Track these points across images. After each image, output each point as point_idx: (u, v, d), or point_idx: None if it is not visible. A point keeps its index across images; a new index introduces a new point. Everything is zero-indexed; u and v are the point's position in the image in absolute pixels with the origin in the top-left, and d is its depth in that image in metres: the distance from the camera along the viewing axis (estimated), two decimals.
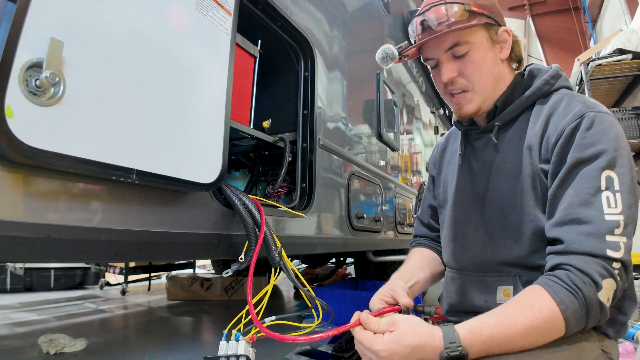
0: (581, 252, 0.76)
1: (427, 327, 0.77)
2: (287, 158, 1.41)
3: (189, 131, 0.87)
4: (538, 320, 0.73)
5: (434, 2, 0.97)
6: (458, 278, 1.06)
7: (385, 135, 2.40)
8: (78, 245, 0.72)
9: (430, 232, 1.29)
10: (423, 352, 0.74)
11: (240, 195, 1.05)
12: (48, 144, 0.62)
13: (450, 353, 0.72)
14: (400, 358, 0.74)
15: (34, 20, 0.61)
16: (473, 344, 0.74)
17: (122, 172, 0.71)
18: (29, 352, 2.13)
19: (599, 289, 0.74)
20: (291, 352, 2.04)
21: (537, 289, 0.77)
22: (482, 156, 1.05)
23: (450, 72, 0.97)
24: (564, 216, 0.81)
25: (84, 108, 0.67)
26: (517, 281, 0.92)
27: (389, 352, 0.74)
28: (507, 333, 0.74)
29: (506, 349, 0.75)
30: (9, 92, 0.58)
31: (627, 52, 3.87)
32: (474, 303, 1.01)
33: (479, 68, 0.96)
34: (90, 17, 0.69)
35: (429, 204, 1.29)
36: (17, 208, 0.64)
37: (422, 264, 1.18)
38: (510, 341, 0.74)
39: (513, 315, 0.75)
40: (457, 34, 0.94)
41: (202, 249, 0.98)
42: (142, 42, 0.78)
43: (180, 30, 0.87)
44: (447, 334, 0.75)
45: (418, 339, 0.74)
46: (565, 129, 0.85)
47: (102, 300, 3.71)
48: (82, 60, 0.67)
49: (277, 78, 1.63)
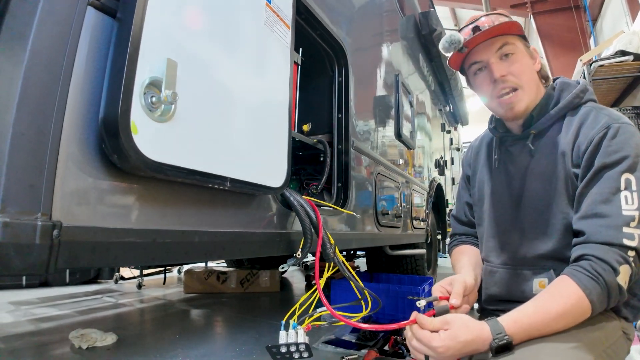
0: (601, 242, 0.90)
1: (477, 323, 0.89)
2: (328, 159, 1.49)
3: (263, 140, 0.96)
4: (567, 306, 0.87)
5: (485, 13, 1.11)
6: (497, 272, 1.16)
7: (403, 135, 2.49)
8: (178, 248, 0.80)
9: (470, 228, 1.39)
10: (475, 344, 0.87)
11: (298, 197, 1.14)
12: (164, 157, 0.70)
13: (498, 342, 0.85)
14: (455, 352, 0.86)
15: (150, 40, 0.67)
16: (516, 332, 0.87)
17: (220, 180, 0.79)
18: (61, 348, 2.15)
19: (617, 274, 0.87)
20: (318, 341, 2.13)
21: (565, 279, 0.91)
22: (518, 161, 1.16)
23: (501, 70, 1.08)
24: (587, 211, 0.94)
25: (191, 124, 0.75)
26: (552, 274, 1.04)
27: (445, 348, 0.85)
28: (543, 319, 0.88)
29: (544, 333, 0.88)
30: (133, 109, 0.65)
31: (629, 53, 3.97)
32: (512, 294, 1.12)
33: (525, 69, 1.08)
34: (192, 38, 0.77)
35: (466, 201, 1.39)
36: (129, 216, 0.72)
37: (475, 262, 1.28)
38: (546, 326, 0.88)
39: (547, 304, 0.89)
40: (505, 36, 1.07)
41: (267, 246, 1.07)
42: (229, 60, 0.86)
43: (257, 46, 0.95)
44: (494, 327, 0.87)
45: (470, 334, 0.87)
46: (594, 138, 0.98)
47: (120, 294, 3.78)
48: (188, 79, 0.74)
49: (312, 83, 1.71)
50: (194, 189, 0.81)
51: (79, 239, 0.65)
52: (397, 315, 2.54)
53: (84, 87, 0.66)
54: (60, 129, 0.62)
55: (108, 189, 0.68)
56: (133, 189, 0.72)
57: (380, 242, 2.11)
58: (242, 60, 0.90)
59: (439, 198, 4.09)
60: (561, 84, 1.14)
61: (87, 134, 0.66)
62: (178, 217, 0.79)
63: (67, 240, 0.62)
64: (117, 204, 0.70)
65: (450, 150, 5.28)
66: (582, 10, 7.40)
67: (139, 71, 0.66)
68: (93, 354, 2.05)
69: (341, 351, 2.03)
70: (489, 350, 0.86)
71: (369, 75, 2.03)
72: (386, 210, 2.05)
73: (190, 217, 0.82)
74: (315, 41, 1.54)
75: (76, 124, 0.65)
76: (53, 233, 0.61)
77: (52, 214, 0.61)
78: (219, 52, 0.83)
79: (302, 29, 1.44)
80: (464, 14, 10.97)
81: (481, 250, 1.27)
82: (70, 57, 0.64)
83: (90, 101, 0.66)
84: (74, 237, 0.63)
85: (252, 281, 3.76)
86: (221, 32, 0.84)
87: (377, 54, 2.21)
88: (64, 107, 0.63)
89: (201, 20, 0.79)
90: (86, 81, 0.66)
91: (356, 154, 1.71)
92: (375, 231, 1.92)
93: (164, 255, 0.78)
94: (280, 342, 1.04)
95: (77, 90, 0.65)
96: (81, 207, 0.65)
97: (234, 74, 0.87)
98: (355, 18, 1.88)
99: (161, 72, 0.69)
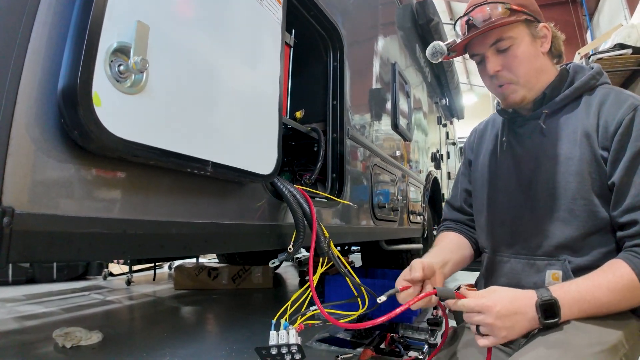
0: None
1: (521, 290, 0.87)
2: (322, 149, 1.41)
3: (250, 122, 0.87)
4: (619, 285, 0.83)
5: (478, 2, 1.04)
6: (508, 261, 1.09)
7: (400, 126, 2.41)
8: (152, 240, 0.71)
9: (462, 215, 1.31)
10: (521, 301, 0.84)
11: (289, 186, 1.05)
12: (134, 135, 0.61)
13: (543, 298, 0.82)
14: (502, 308, 0.82)
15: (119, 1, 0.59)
16: (563, 297, 0.83)
17: (200, 164, 0.71)
18: (44, 347, 2.07)
19: None
20: (311, 339, 2.06)
21: (619, 262, 0.86)
22: (528, 142, 1.09)
23: (495, 66, 1.05)
24: (637, 202, 0.88)
25: (164, 98, 0.66)
26: (567, 266, 0.97)
27: (493, 301, 0.83)
28: (593, 292, 0.84)
29: (593, 307, 0.84)
30: (96, 78, 0.56)
31: (628, 46, 3.94)
32: (522, 286, 1.03)
33: (521, 61, 1.03)
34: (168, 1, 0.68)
35: (464, 187, 1.32)
36: (95, 203, 0.63)
37: (452, 247, 1.22)
38: (596, 300, 0.84)
39: (598, 279, 0.85)
40: (499, 30, 1.02)
41: (256, 239, 0.99)
42: (211, 30, 0.77)
43: (244, 17, 0.86)
44: (539, 290, 0.85)
45: (514, 293, 0.86)
46: (624, 119, 0.92)
47: (108, 291, 3.68)
48: (162, 47, 0.66)
49: (306, 68, 1.62)
50: (170, 173, 0.73)
51: (35, 229, 0.56)
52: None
53: (44, 54, 0.56)
54: (13, 101, 0.53)
55: (70, 171, 0.59)
56: (99, 172, 0.63)
57: (377, 237, 2.04)
58: (227, 31, 0.81)
59: (435, 192, 4.03)
60: (575, 67, 1.09)
61: (47, 108, 0.57)
62: (152, 206, 0.70)
63: (21, 230, 0.54)
64: (81, 189, 0.61)
65: (446, 145, 5.23)
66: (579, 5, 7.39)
67: (103, 35, 0.57)
68: (77, 353, 1.97)
69: (335, 350, 1.96)
70: (536, 309, 0.82)
71: (365, 62, 1.95)
72: (382, 203, 1.97)
73: (167, 206, 0.73)
74: (309, 23, 1.45)
75: (33, 95, 0.55)
76: (3, 220, 0.52)
77: (2, 198, 0.52)
78: (199, 20, 0.74)
79: (294, 9, 1.35)
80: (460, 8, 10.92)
81: (481, 240, 1.19)
82: (29, 19, 0.55)
83: (50, 70, 0.57)
84: (28, 226, 0.55)
85: (245, 277, 3.68)
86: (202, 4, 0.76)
87: (374, 41, 2.12)
88: (18, 76, 0.54)
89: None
90: (46, 47, 0.57)
91: (352, 144, 1.62)
92: (372, 225, 1.84)
93: (137, 249, 0.70)
94: (271, 343, 0.96)
95: (35, 58, 0.55)
96: (37, 192, 0.56)
97: (217, 46, 0.78)
98: (352, 2, 1.79)
99: (130, 37, 0.60)
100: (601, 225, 0.94)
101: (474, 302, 0.85)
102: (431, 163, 3.89)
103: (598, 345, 0.80)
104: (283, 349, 0.95)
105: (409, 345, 2.00)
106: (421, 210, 3.14)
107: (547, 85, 1.05)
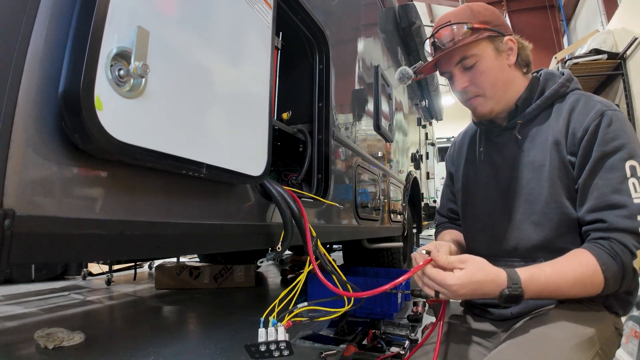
0: (621, 230, 0.90)
1: (494, 268, 0.88)
2: (308, 150, 1.44)
3: (242, 125, 0.89)
4: (584, 275, 0.88)
5: (442, 24, 1.10)
6: None
7: (382, 127, 2.46)
8: (148, 241, 0.73)
9: (451, 223, 1.39)
10: (488, 287, 0.86)
11: (278, 187, 1.08)
12: (133, 138, 0.62)
13: (511, 292, 0.84)
14: (468, 291, 0.85)
15: (119, 6, 0.60)
16: (530, 288, 0.86)
17: (195, 167, 0.73)
18: (26, 348, 2.04)
19: (634, 258, 0.88)
20: (295, 337, 2.09)
21: (584, 252, 0.91)
22: (505, 151, 1.14)
23: (462, 83, 1.10)
24: (600, 202, 0.94)
25: (162, 102, 0.67)
26: None
27: (459, 286, 0.84)
28: (557, 282, 0.88)
29: (553, 296, 0.92)
30: (97, 82, 0.57)
31: (603, 52, 4.08)
32: None
33: (487, 76, 1.08)
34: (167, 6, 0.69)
35: (448, 198, 1.39)
36: (93, 205, 0.64)
37: (458, 239, 1.30)
38: (558, 290, 0.89)
39: (565, 269, 0.89)
40: (463, 49, 1.07)
41: (246, 239, 1.01)
42: (207, 36, 0.79)
43: (237, 22, 0.88)
44: (511, 276, 0.86)
45: (486, 276, 0.86)
46: (590, 126, 0.97)
47: (88, 291, 3.61)
48: (159, 52, 0.67)
49: (292, 70, 1.65)
50: (166, 175, 0.74)
51: (36, 231, 0.57)
52: (375, 309, 2.53)
53: (43, 58, 0.57)
54: (14, 105, 0.54)
55: (70, 173, 0.61)
56: (98, 175, 0.64)
57: (360, 235, 2.08)
58: (221, 36, 0.83)
59: (415, 192, 4.11)
60: (546, 74, 1.13)
61: (47, 111, 0.58)
62: (149, 207, 0.72)
63: (22, 232, 0.55)
64: (80, 191, 0.62)
65: (425, 145, 5.32)
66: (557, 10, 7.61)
67: (105, 39, 0.58)
68: (60, 354, 1.95)
69: (319, 347, 1.99)
70: (498, 297, 0.85)
71: (349, 65, 1.99)
72: (365, 203, 2.02)
73: (162, 207, 0.75)
74: (296, 26, 1.47)
75: (33, 99, 0.56)
76: (4, 223, 0.53)
77: (3, 201, 0.53)
78: (196, 26, 0.76)
79: (282, 12, 1.37)
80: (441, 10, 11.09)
81: (471, 245, 1.25)
82: (29, 23, 0.56)
83: (50, 74, 0.58)
84: (29, 228, 0.56)
85: (226, 276, 3.67)
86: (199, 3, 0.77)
87: (358, 44, 2.16)
88: (18, 80, 0.55)
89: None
90: (46, 51, 0.57)
91: (336, 145, 1.66)
92: (355, 224, 1.89)
93: (133, 249, 0.71)
94: (260, 340, 0.98)
95: (36, 61, 0.56)
96: (38, 195, 0.57)
97: (213, 51, 0.80)
98: (336, 5, 1.82)
99: (131, 42, 0.61)
100: (573, 225, 1.00)
101: (441, 277, 0.87)
102: (411, 163, 3.96)
103: (576, 338, 0.86)
104: (272, 346, 0.97)
105: (391, 341, 2.05)
106: (402, 210, 3.21)
107: (519, 96, 1.10)
